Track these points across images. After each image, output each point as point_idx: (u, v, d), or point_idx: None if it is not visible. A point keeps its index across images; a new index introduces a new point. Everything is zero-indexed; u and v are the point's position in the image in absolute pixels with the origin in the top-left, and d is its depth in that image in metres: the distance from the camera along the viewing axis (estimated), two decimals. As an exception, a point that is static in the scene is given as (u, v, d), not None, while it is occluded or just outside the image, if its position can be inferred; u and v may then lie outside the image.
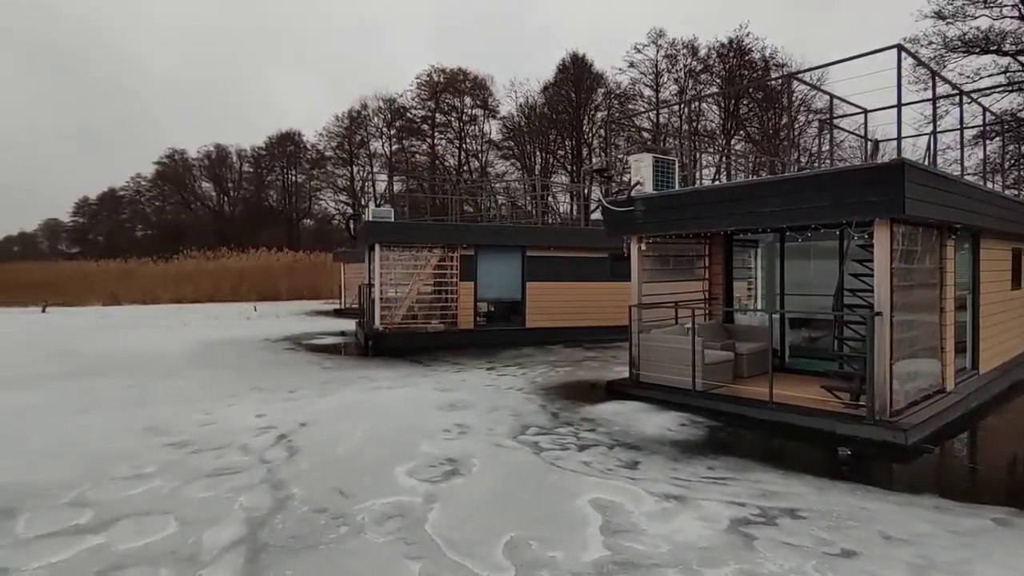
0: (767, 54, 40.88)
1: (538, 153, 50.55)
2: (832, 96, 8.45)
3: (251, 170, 62.78)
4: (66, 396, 8.22)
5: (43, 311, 25.23)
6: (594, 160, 47.18)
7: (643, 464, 5.20)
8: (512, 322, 14.56)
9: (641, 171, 8.30)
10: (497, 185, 43.84)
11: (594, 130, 48.05)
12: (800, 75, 10.81)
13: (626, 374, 8.71)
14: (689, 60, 43.22)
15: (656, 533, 3.82)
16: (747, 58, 41.54)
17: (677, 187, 8.60)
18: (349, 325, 18.99)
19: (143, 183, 67.13)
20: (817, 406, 6.56)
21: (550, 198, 40.48)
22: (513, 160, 50.87)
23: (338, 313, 24.20)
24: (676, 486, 4.64)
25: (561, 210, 44.08)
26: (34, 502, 4.42)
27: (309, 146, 59.06)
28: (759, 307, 9.91)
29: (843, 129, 10.22)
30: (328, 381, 9.34)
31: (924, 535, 3.80)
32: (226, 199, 63.87)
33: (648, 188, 8.22)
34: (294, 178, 61.17)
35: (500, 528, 3.92)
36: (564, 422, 6.71)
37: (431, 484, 4.74)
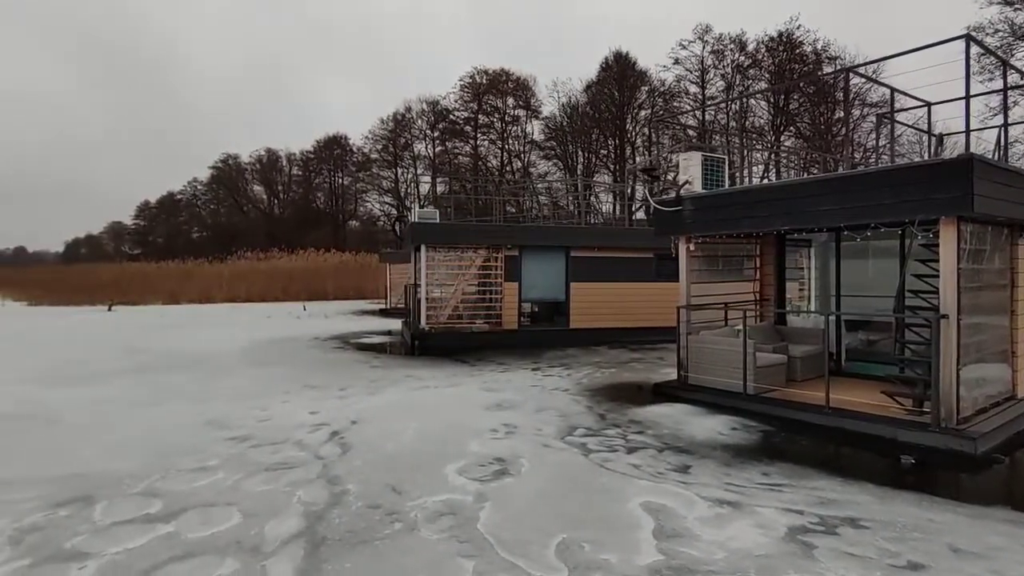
0: (819, 47, 39.51)
1: (580, 153, 50.27)
2: (893, 89, 8.12)
3: (300, 173, 64.66)
4: (136, 391, 8.66)
5: (109, 310, 26.61)
6: (638, 159, 46.64)
7: (694, 468, 5.12)
8: (556, 323, 14.54)
9: (690, 170, 8.17)
10: (539, 185, 43.81)
11: (638, 129, 47.48)
12: (858, 68, 10.42)
13: (673, 376, 8.59)
14: (736, 55, 42.18)
15: (711, 539, 3.76)
16: (798, 51, 40.25)
17: (727, 186, 8.44)
18: (395, 324, 19.34)
19: (199, 187, 70.02)
20: (877, 412, 6.31)
21: (592, 198, 40.24)
22: (555, 160, 50.77)
23: (383, 313, 24.66)
24: (730, 491, 4.56)
25: (604, 210, 43.72)
26: (110, 490, 4.68)
27: (355, 149, 60.39)
28: (813, 309, 9.61)
29: (903, 123, 9.79)
30: (377, 380, 9.55)
31: (996, 549, 3.63)
32: (276, 202, 65.95)
33: (697, 187, 8.09)
34: (340, 180, 62.64)
35: (551, 528, 3.93)
36: (611, 424, 6.67)
37: (481, 483, 4.79)
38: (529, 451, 5.64)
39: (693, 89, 44.07)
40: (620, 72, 46.31)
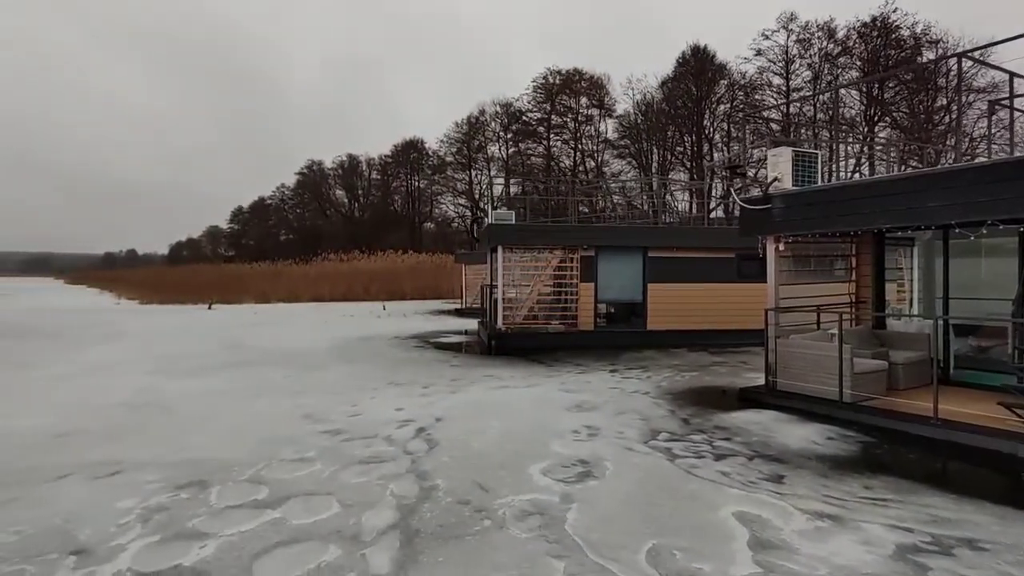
0: (918, 31, 36.71)
1: (655, 150, 49.24)
2: (1012, 74, 7.43)
3: (379, 177, 67.06)
4: (239, 383, 9.30)
5: (209, 308, 28.65)
6: (716, 156, 45.11)
7: (789, 478, 4.91)
8: (632, 324, 14.33)
9: (779, 166, 7.83)
10: (613, 185, 43.25)
11: (716, 124, 45.94)
12: (972, 53, 9.61)
13: (760, 381, 8.27)
14: (825, 43, 39.93)
15: (811, 553, 3.61)
16: (894, 36, 37.59)
17: (820, 182, 8.02)
18: (471, 324, 19.69)
19: (286, 192, 74.06)
20: (993, 424, 5.81)
21: (668, 196, 39.25)
22: (629, 159, 49.97)
23: (459, 312, 25.15)
24: (829, 504, 4.34)
25: (680, 208, 42.57)
26: (222, 476, 5.06)
27: (430, 152, 61.96)
28: (916, 312, 8.97)
29: (1021, 110, 8.93)
30: (457, 378, 9.77)
31: None
32: (356, 205, 68.73)
33: (787, 184, 7.73)
34: (417, 184, 64.43)
35: (641, 534, 3.90)
36: (696, 429, 6.50)
37: (566, 484, 4.81)
38: (612, 454, 5.60)
39: (777, 81, 42.16)
40: (698, 66, 44.97)
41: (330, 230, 64.95)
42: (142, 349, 13.60)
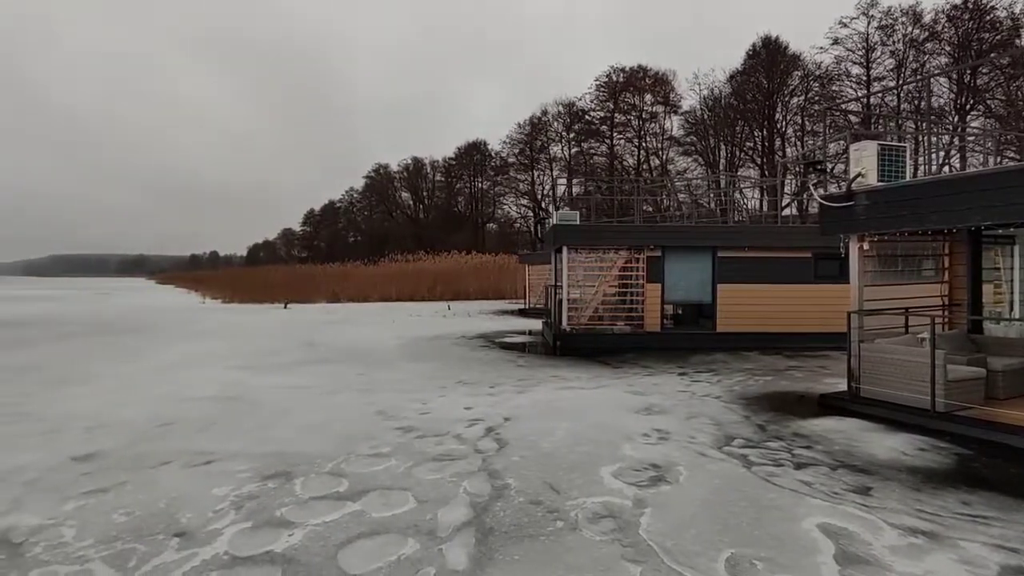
0: (1016, 10, 33.90)
1: (723, 147, 47.78)
2: None
3: (442, 179, 68.34)
4: (316, 380, 9.73)
5: (285, 307, 30.07)
6: (788, 151, 43.28)
7: (876, 491, 4.66)
8: (701, 326, 13.97)
9: (863, 161, 7.44)
10: (679, 183, 42.25)
11: (788, 118, 44.07)
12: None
13: (842, 387, 7.88)
14: (909, 29, 37.54)
15: (904, 571, 3.42)
16: (988, 19, 34.87)
17: (908, 177, 7.56)
18: (534, 324, 19.75)
19: (355, 195, 76.67)
20: (1113, 441, 5.31)
21: (737, 194, 37.94)
22: (695, 156, 48.71)
23: (522, 313, 25.28)
24: (923, 520, 4.10)
25: (749, 206, 41.09)
26: (305, 468, 5.32)
27: (493, 154, 62.57)
28: (1017, 315, 8.30)
29: None
30: (524, 378, 9.83)
31: None
32: (421, 207, 70.29)
33: (871, 180, 7.34)
34: (480, 185, 65.21)
35: (718, 542, 3.81)
36: (773, 436, 6.28)
37: (639, 488, 4.76)
38: (685, 459, 5.50)
39: (856, 71, 40.00)
40: (769, 58, 43.30)
41: (396, 231, 66.78)
42: (227, 346, 14.45)
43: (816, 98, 42.18)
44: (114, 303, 36.29)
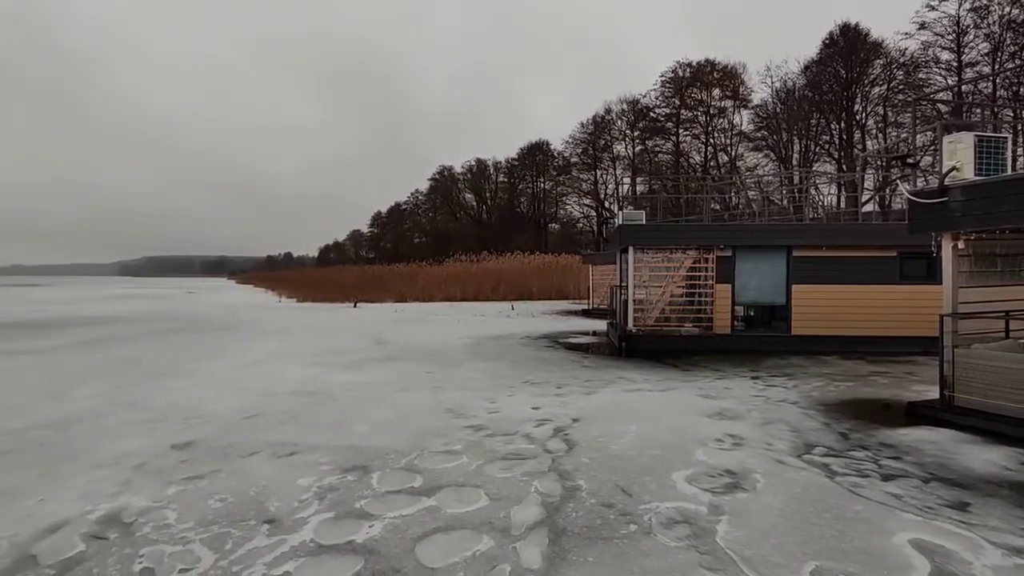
0: None
1: (796, 141, 45.71)
2: None
3: (505, 180, 68.84)
4: (388, 377, 10.06)
5: (355, 306, 31.16)
6: (868, 144, 40.93)
7: (975, 507, 4.36)
8: (774, 328, 13.44)
9: (958, 153, 6.95)
10: (749, 180, 40.76)
11: (869, 108, 41.67)
12: None
13: (932, 395, 7.40)
14: (1007, 9, 34.66)
15: (1011, 594, 3.19)
16: (1102, -8, 31.71)
17: (1009, 170, 7.00)
18: (599, 325, 19.59)
19: (420, 197, 78.41)
20: None
21: (812, 190, 36.21)
22: (767, 151, 46.86)
23: (586, 313, 25.12)
24: (1031, 540, 3.80)
25: (825, 203, 39.13)
26: (380, 463, 5.52)
27: (556, 154, 62.46)
28: None
29: None
30: (590, 380, 9.79)
31: None
32: (484, 208, 71.06)
33: (967, 173, 6.84)
34: (542, 185, 65.25)
35: (801, 554, 3.68)
36: (857, 445, 5.98)
37: (713, 495, 4.65)
38: (762, 466, 5.33)
39: (945, 56, 37.29)
40: (848, 46, 41.10)
41: (460, 232, 67.83)
42: (303, 343, 15.14)
43: (900, 87, 39.65)
44: (200, 301, 38.73)
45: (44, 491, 4.88)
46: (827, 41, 42.76)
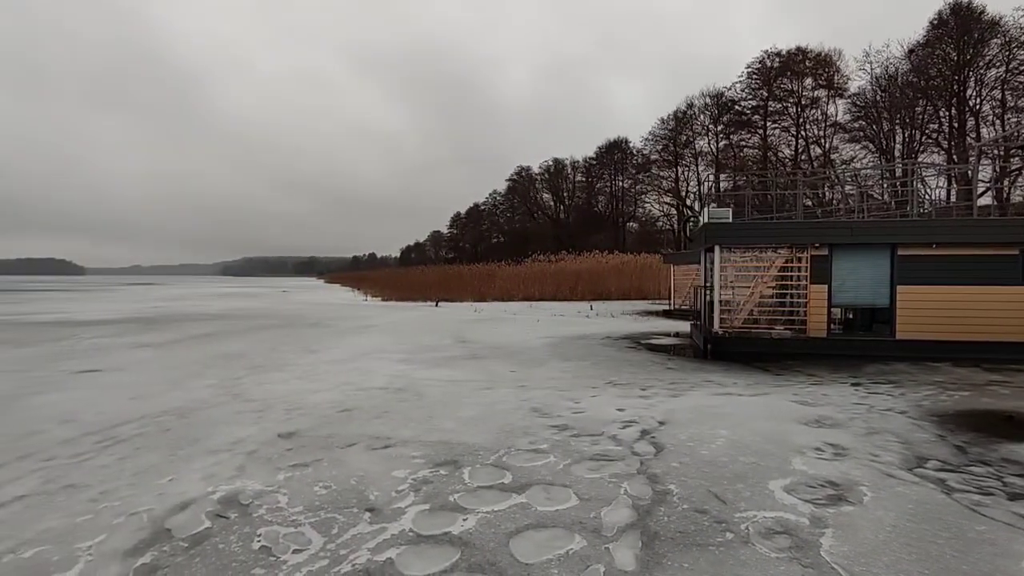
0: None
1: (899, 130, 42.47)
2: None
3: (583, 179, 68.40)
4: (472, 374, 10.30)
5: (436, 305, 32.03)
6: (984, 132, 37.41)
7: (1125, 534, 3.92)
8: (876, 332, 12.58)
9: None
10: (845, 173, 38.29)
11: (985, 93, 38.07)
12: None
13: (1067, 409, 6.69)
14: None
15: None
16: None
17: None
18: (681, 326, 19.10)
19: (498, 197, 79.37)
20: None
21: (918, 183, 33.49)
22: (865, 143, 43.86)
23: (667, 314, 24.55)
24: None
25: (933, 196, 36.06)
26: (471, 459, 5.67)
27: (634, 151, 61.34)
28: None
29: None
30: (675, 382, 9.58)
31: None
32: (562, 207, 70.94)
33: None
34: (621, 183, 64.29)
35: (917, 573, 3.45)
36: (976, 460, 5.52)
37: (815, 506, 4.44)
38: (868, 478, 5.02)
39: (1078, 30, 33.44)
40: (959, 26, 37.75)
41: (537, 232, 68.09)
42: (390, 340, 15.76)
43: (1021, 67, 35.94)
44: (292, 299, 41.13)
45: (172, 471, 5.38)
46: (935, 21, 39.44)
